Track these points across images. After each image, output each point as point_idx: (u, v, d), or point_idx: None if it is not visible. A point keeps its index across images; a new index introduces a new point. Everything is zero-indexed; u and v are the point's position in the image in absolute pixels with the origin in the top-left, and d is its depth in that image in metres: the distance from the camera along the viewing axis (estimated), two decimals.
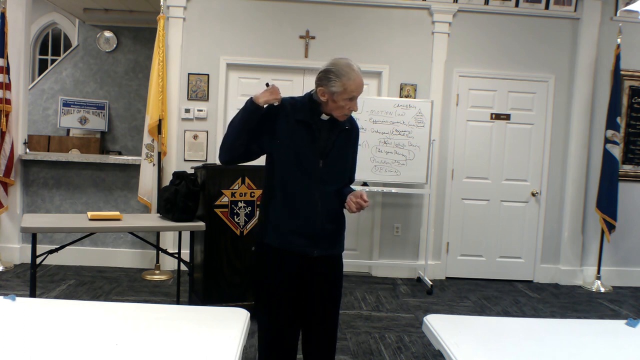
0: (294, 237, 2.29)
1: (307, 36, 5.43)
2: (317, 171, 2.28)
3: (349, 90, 2.21)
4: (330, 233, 2.36)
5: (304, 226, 2.29)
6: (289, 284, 2.32)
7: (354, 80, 2.21)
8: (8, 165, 5.04)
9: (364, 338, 3.81)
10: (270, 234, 2.32)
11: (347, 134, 2.39)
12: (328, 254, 2.37)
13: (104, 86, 8.34)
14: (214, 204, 3.98)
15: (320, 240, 2.32)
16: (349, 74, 2.20)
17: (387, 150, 5.03)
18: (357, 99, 2.28)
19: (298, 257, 2.30)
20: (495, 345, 1.73)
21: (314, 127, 2.29)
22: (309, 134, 2.28)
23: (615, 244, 5.60)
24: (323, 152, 2.30)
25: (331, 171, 2.32)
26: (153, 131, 5.09)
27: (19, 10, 5.21)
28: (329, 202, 2.33)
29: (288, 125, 2.28)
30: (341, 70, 2.21)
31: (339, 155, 2.35)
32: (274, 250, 2.32)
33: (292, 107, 2.30)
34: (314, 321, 2.42)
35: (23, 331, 1.64)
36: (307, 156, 2.28)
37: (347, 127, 2.38)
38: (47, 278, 4.89)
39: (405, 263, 5.55)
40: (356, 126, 2.48)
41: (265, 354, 2.35)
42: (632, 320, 2.01)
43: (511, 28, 5.52)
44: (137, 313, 1.90)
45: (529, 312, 4.66)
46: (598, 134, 5.55)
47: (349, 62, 2.24)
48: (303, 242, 2.29)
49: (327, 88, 2.23)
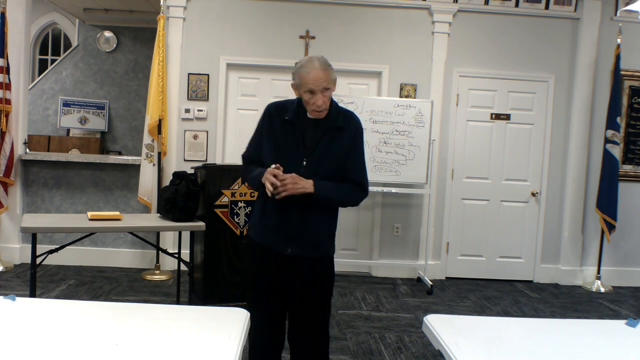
0: (269, 233, 2.36)
1: (307, 36, 5.43)
2: (301, 169, 2.27)
3: (305, 82, 2.21)
4: (308, 234, 2.33)
5: (279, 223, 2.32)
6: (267, 279, 2.40)
7: (309, 72, 2.19)
8: (8, 165, 5.04)
9: (364, 338, 3.81)
10: (252, 227, 2.45)
11: (338, 133, 2.32)
12: (307, 256, 2.35)
13: (104, 86, 8.35)
14: (214, 204, 3.98)
15: (295, 239, 2.31)
16: (306, 66, 2.21)
17: (387, 150, 5.03)
18: (322, 94, 2.21)
19: (274, 254, 2.35)
20: (495, 345, 1.73)
21: (298, 125, 2.30)
22: (294, 133, 2.30)
23: (615, 244, 5.60)
24: (307, 150, 2.29)
25: (316, 170, 2.28)
26: (153, 131, 5.09)
27: (19, 10, 5.21)
28: (313, 202, 2.28)
29: (274, 127, 2.33)
30: (301, 64, 2.25)
31: (326, 153, 2.30)
32: (255, 244, 2.43)
33: (279, 110, 2.35)
34: (298, 320, 2.43)
35: (23, 331, 1.64)
36: (291, 155, 2.29)
37: (339, 125, 2.32)
38: (47, 278, 4.88)
39: (405, 263, 5.55)
40: (354, 124, 2.37)
41: (250, 342, 2.45)
42: (632, 320, 2.01)
43: (511, 28, 5.52)
44: (137, 313, 1.89)
45: (529, 312, 4.66)
46: (598, 134, 5.55)
47: (312, 56, 2.26)
48: (277, 239, 2.34)
49: (293, 82, 2.30)
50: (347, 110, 2.43)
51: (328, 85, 2.24)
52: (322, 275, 2.42)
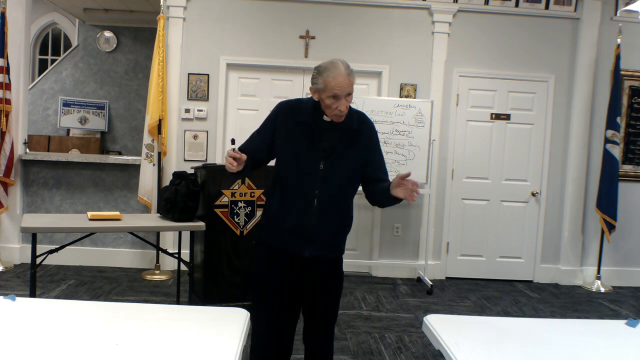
0: (287, 236, 2.31)
1: (307, 36, 5.43)
2: (318, 172, 2.25)
3: (330, 87, 2.15)
4: (326, 235, 2.33)
5: (298, 225, 2.29)
6: (281, 281, 2.35)
7: (335, 77, 2.14)
8: (8, 165, 5.04)
9: (364, 338, 3.81)
10: (266, 230, 2.38)
11: (355, 135, 2.31)
12: (322, 256, 2.35)
13: (104, 86, 8.35)
14: (214, 204, 3.98)
15: (314, 241, 2.30)
16: (330, 70, 2.16)
17: (387, 150, 5.03)
18: (345, 99, 2.18)
19: (290, 256, 2.32)
20: (495, 345, 1.73)
21: (314, 128, 2.26)
22: (309, 135, 2.27)
23: (615, 244, 5.60)
24: (324, 153, 2.26)
25: (333, 172, 2.27)
26: (153, 131, 5.09)
27: (19, 10, 5.21)
28: (330, 203, 2.29)
29: (287, 128, 2.29)
30: (324, 67, 2.19)
31: (343, 156, 2.29)
32: (269, 247, 2.36)
33: (292, 110, 2.31)
34: (309, 321, 2.43)
35: (23, 331, 1.64)
36: (307, 157, 2.26)
37: (355, 127, 2.31)
38: (47, 278, 4.88)
39: (405, 263, 5.55)
40: (368, 125, 2.37)
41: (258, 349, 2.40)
42: (632, 320, 2.01)
43: (511, 28, 5.52)
44: (137, 313, 1.90)
45: (529, 312, 4.66)
46: (598, 134, 5.55)
47: (335, 59, 2.20)
48: (295, 241, 2.30)
49: (314, 86, 2.23)
50: (359, 112, 2.40)
51: (351, 90, 2.21)
52: (335, 275, 2.43)
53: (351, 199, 2.41)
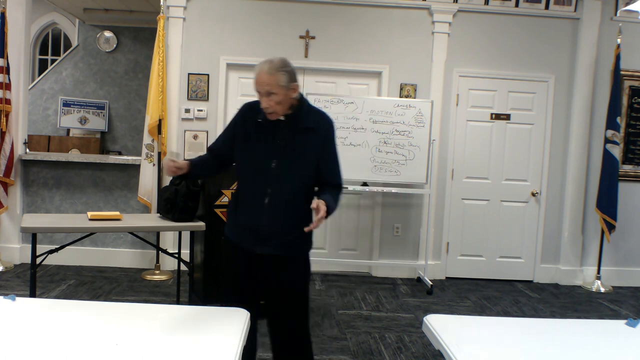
0: (241, 232, 2.37)
1: (307, 36, 5.43)
2: (271, 170, 2.28)
3: (255, 84, 2.28)
4: (280, 233, 2.32)
5: (250, 223, 2.33)
6: (236, 276, 2.41)
7: (257, 74, 2.26)
8: (8, 165, 5.04)
9: (364, 338, 3.81)
10: (227, 226, 2.46)
11: (310, 134, 2.32)
12: (279, 255, 2.34)
13: (104, 86, 8.35)
14: (214, 204, 3.98)
15: (267, 239, 2.31)
16: (257, 66, 2.27)
17: (387, 150, 5.03)
18: (267, 96, 2.23)
19: (246, 252, 2.35)
20: (495, 345, 1.73)
21: (269, 127, 2.30)
22: (264, 134, 2.31)
23: (615, 244, 5.60)
24: (277, 152, 2.28)
25: (287, 171, 2.28)
26: (153, 131, 5.09)
27: (19, 10, 5.21)
28: (284, 202, 2.30)
29: (245, 128, 2.36)
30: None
31: (295, 155, 2.29)
32: (228, 243, 2.45)
33: (252, 111, 2.37)
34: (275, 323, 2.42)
35: (23, 331, 1.64)
36: (260, 156, 2.31)
37: (311, 126, 2.32)
38: (47, 278, 4.88)
39: (405, 263, 5.55)
40: (326, 125, 2.37)
41: None
42: (632, 320, 2.01)
43: (511, 28, 5.52)
44: (137, 313, 1.90)
45: (529, 312, 4.66)
46: (598, 134, 5.55)
47: (270, 58, 2.29)
48: (248, 238, 2.34)
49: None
50: (318, 110, 2.41)
51: (272, 90, 2.21)
52: (296, 274, 2.40)
53: (307, 198, 2.36)
